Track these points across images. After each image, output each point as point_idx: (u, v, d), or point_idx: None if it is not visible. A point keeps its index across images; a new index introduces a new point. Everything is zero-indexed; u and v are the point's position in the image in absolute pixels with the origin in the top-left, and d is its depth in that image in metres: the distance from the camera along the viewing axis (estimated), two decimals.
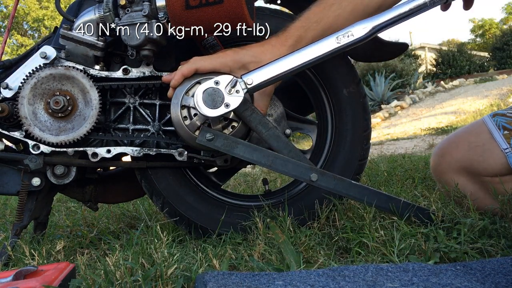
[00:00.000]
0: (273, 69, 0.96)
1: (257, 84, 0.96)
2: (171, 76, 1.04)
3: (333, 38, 0.96)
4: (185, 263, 0.82)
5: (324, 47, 0.96)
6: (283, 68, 0.96)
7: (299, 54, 0.96)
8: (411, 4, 0.96)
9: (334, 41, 0.96)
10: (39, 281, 0.71)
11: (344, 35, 0.95)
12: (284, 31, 1.03)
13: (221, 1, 0.94)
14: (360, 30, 0.95)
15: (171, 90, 1.02)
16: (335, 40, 0.95)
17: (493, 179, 1.09)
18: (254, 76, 0.96)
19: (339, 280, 0.69)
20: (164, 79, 1.06)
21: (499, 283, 0.67)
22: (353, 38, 0.95)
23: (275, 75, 0.96)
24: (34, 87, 1.05)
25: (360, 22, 0.96)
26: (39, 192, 1.14)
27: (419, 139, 5.39)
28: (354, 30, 0.95)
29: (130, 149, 1.10)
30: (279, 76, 0.97)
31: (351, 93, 1.18)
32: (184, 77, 1.00)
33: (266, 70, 0.96)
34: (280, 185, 2.12)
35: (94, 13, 1.06)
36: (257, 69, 0.97)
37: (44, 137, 1.06)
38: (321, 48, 0.96)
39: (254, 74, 0.96)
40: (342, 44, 0.96)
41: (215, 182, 1.26)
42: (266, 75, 0.96)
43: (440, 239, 0.87)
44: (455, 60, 15.49)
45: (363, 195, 1.01)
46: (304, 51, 0.97)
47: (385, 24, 0.96)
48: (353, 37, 0.95)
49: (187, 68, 1.00)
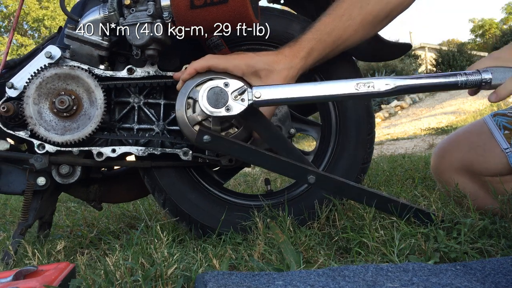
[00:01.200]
0: (284, 91, 0.95)
1: (264, 100, 0.95)
2: (182, 72, 1.05)
3: (353, 84, 0.95)
4: (185, 263, 0.83)
5: (342, 89, 0.95)
6: (294, 94, 0.95)
7: (315, 87, 0.96)
8: (442, 80, 0.95)
9: (353, 86, 0.94)
10: (39, 281, 0.71)
11: (364, 84, 0.94)
12: (296, 42, 1.03)
13: (226, 1, 0.95)
14: (382, 85, 0.94)
15: (181, 83, 1.03)
16: (354, 86, 0.94)
17: (493, 179, 1.09)
18: (264, 91, 0.95)
19: (339, 280, 0.70)
20: (175, 75, 1.07)
21: (499, 283, 0.67)
22: (373, 90, 0.94)
23: (284, 98, 0.95)
24: (39, 86, 1.06)
25: (384, 77, 0.95)
26: (44, 192, 1.15)
27: (419, 139, 5.39)
28: (376, 83, 0.94)
29: (135, 149, 1.11)
30: (287, 100, 0.96)
31: None
32: (196, 72, 1.01)
33: (278, 90, 0.95)
34: (280, 185, 2.13)
35: (99, 13, 1.07)
36: (269, 86, 0.96)
37: (49, 137, 1.07)
38: (338, 89, 0.95)
39: (265, 89, 0.95)
40: (359, 93, 0.95)
41: (218, 180, 1.27)
42: (276, 95, 0.95)
43: (440, 239, 0.87)
44: (455, 60, 15.45)
45: (362, 197, 1.01)
46: (321, 85, 0.96)
47: (408, 87, 0.94)
48: (373, 89, 0.94)
49: (200, 64, 1.01)
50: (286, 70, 1.00)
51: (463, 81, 0.94)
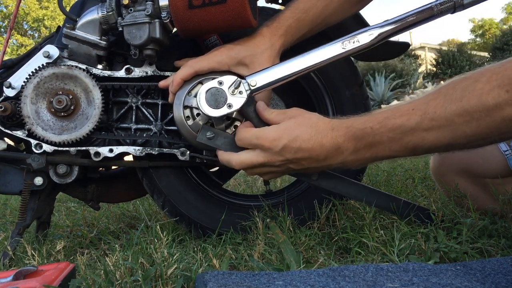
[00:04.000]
0: (277, 71, 0.97)
1: (260, 85, 0.96)
2: (168, 81, 1.04)
3: (339, 43, 0.96)
4: (185, 263, 0.82)
5: (329, 51, 0.96)
6: (287, 71, 0.97)
7: (304, 58, 0.97)
8: (419, 14, 0.97)
9: (339, 46, 0.96)
10: (39, 281, 0.71)
11: (349, 41, 0.96)
12: (274, 21, 1.03)
13: (224, 1, 0.94)
14: (366, 36, 0.96)
15: (171, 96, 1.02)
16: (340, 45, 0.96)
17: (493, 181, 1.09)
18: (258, 78, 0.96)
19: (339, 280, 0.69)
20: (161, 84, 1.06)
21: (499, 283, 0.67)
22: (359, 44, 0.96)
23: (279, 77, 0.97)
24: (37, 86, 1.05)
25: (366, 29, 0.96)
26: (42, 191, 1.14)
27: None
28: (360, 37, 0.96)
29: (133, 149, 1.11)
30: (283, 78, 0.97)
31: (353, 94, 1.18)
32: (183, 81, 1.00)
33: (270, 73, 0.97)
34: (280, 185, 2.13)
35: (97, 13, 1.06)
36: (262, 71, 0.97)
37: (46, 136, 1.06)
38: (326, 52, 0.97)
39: (258, 76, 0.97)
40: (347, 50, 0.96)
41: (216, 181, 1.27)
42: (270, 78, 0.96)
43: (440, 239, 0.87)
44: (455, 60, 15.48)
45: (363, 195, 1.01)
46: (309, 55, 0.97)
47: (391, 32, 0.96)
48: (358, 43, 0.96)
49: (185, 72, 0.99)
50: (268, 51, 1.00)
51: (438, 10, 0.96)
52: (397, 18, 0.97)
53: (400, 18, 0.97)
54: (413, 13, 0.97)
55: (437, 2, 0.96)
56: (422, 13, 0.96)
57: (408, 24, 0.97)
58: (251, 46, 1.01)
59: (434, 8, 0.96)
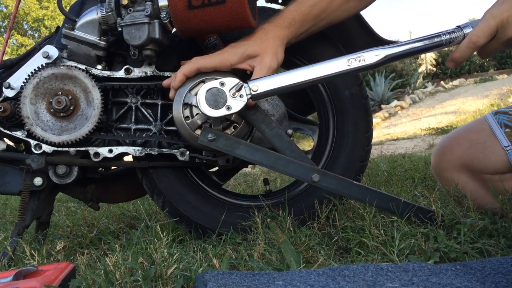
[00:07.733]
0: (280, 80, 0.97)
1: (262, 92, 0.96)
2: (171, 79, 1.04)
3: (345, 60, 0.96)
4: (185, 263, 0.82)
5: (334, 67, 0.97)
6: (289, 81, 0.97)
7: (308, 70, 0.97)
8: (428, 41, 0.97)
9: (345, 63, 0.96)
10: (39, 281, 0.71)
11: (355, 59, 0.96)
12: (277, 16, 1.05)
13: (224, 1, 0.94)
14: (372, 56, 0.96)
15: (173, 91, 1.02)
16: (346, 62, 0.96)
17: (493, 177, 1.09)
18: (260, 83, 0.96)
19: (339, 280, 0.69)
20: (164, 83, 1.07)
21: (499, 283, 0.67)
22: (364, 64, 0.96)
23: (281, 86, 0.97)
24: (36, 86, 1.05)
25: (374, 49, 0.96)
26: (41, 192, 1.14)
27: (419, 139, 5.38)
28: (366, 56, 0.96)
29: (132, 149, 1.11)
30: (285, 88, 0.97)
31: (353, 94, 1.18)
32: (186, 77, 1.01)
33: (273, 80, 0.97)
34: (280, 185, 2.13)
35: (96, 13, 1.06)
36: (265, 78, 0.97)
37: (46, 137, 1.06)
38: (331, 67, 0.97)
39: (261, 82, 0.96)
40: (352, 68, 0.96)
41: (216, 181, 1.27)
42: (272, 85, 0.96)
43: (440, 239, 0.87)
44: None
45: (364, 195, 1.01)
46: (313, 68, 0.97)
47: (398, 55, 0.96)
48: (364, 62, 0.96)
49: (188, 68, 1.00)
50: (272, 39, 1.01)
51: (447, 39, 0.97)
52: (404, 42, 0.98)
53: (407, 42, 0.98)
54: (421, 39, 0.97)
55: (446, 31, 0.97)
56: (430, 40, 0.97)
57: (415, 50, 0.97)
58: (256, 40, 1.02)
59: (442, 37, 0.97)
